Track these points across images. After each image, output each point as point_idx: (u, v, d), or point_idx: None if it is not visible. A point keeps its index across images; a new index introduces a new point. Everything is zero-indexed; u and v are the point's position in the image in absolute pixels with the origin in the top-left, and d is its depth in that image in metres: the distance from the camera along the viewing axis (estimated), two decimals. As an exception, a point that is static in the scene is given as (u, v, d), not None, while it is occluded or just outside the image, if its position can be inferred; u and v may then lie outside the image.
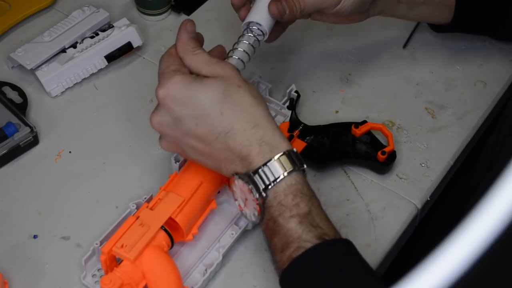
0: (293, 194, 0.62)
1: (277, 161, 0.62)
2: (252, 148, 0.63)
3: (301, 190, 0.62)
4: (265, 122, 0.64)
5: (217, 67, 0.65)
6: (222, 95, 0.63)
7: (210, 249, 0.72)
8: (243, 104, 0.64)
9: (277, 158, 0.62)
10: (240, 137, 0.63)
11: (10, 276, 0.71)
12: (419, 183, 0.80)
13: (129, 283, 0.64)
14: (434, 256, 0.30)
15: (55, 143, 0.83)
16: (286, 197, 0.62)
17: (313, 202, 0.63)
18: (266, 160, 0.62)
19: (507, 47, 0.95)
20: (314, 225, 0.61)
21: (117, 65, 0.92)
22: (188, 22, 0.69)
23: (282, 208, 0.61)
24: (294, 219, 0.61)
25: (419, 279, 0.30)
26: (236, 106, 0.63)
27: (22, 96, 0.86)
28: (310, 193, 0.63)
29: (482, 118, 0.88)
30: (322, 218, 0.62)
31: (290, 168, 0.62)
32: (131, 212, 0.72)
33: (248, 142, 0.63)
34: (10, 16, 0.96)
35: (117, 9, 0.99)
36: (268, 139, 0.63)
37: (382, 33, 0.97)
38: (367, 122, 0.82)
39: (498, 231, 0.29)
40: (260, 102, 0.65)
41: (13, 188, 0.79)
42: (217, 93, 0.63)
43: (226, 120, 0.63)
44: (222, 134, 0.63)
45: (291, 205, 0.61)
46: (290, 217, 0.61)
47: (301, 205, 0.61)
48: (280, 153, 0.63)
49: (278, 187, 0.62)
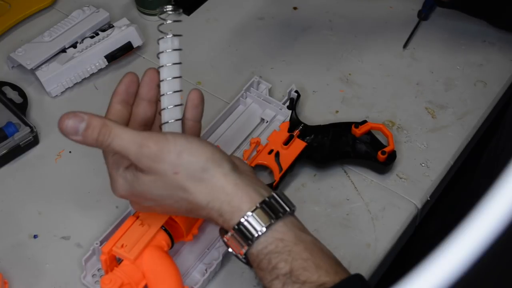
0: (267, 259, 0.57)
1: (246, 223, 0.57)
2: (217, 220, 0.59)
3: (275, 249, 0.57)
4: (219, 193, 0.58)
5: (142, 157, 0.58)
6: (165, 186, 0.59)
7: (210, 249, 0.72)
8: (181, 197, 0.59)
9: (237, 228, 0.58)
10: (202, 212, 0.59)
11: (10, 276, 0.71)
12: (419, 183, 0.80)
13: (129, 283, 0.64)
14: (434, 256, 0.30)
15: (55, 143, 0.83)
16: (261, 262, 0.57)
17: (295, 255, 0.57)
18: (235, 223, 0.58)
19: (507, 47, 0.95)
20: (300, 282, 0.56)
21: (117, 65, 0.92)
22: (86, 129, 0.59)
23: (262, 272, 0.58)
24: (276, 281, 0.56)
25: (419, 279, 0.30)
26: (178, 198, 0.59)
27: (22, 96, 0.86)
28: (291, 245, 0.57)
29: (482, 118, 0.88)
30: (309, 268, 0.56)
31: (265, 223, 0.57)
32: (131, 212, 0.72)
33: (209, 217, 0.60)
34: (10, 16, 0.96)
35: (117, 9, 0.99)
36: (225, 209, 0.58)
37: (382, 33, 0.97)
38: (367, 122, 0.82)
39: (498, 231, 0.29)
40: (198, 181, 0.58)
41: (13, 188, 0.79)
42: (158, 185, 0.59)
43: (183, 205, 0.60)
44: (190, 206, 0.60)
45: (270, 268, 0.57)
46: (272, 280, 0.57)
47: (279, 265, 0.56)
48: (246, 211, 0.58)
49: (251, 254, 0.58)
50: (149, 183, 0.59)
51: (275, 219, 0.58)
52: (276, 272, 0.56)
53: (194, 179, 0.58)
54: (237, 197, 0.58)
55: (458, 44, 0.95)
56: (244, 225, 0.57)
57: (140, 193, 0.60)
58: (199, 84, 0.90)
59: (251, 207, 0.58)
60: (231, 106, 0.84)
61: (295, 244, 0.57)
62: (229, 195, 0.58)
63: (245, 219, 0.57)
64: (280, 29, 0.97)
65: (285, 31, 0.97)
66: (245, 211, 0.58)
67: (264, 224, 0.57)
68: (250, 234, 0.57)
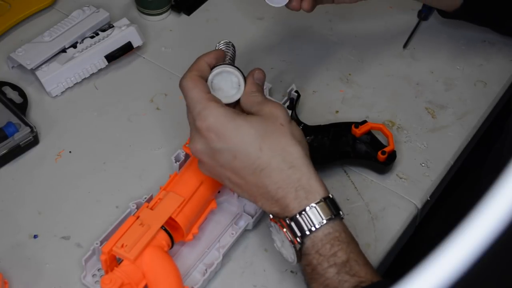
0: (330, 244, 0.61)
1: (313, 210, 0.62)
2: (288, 192, 0.62)
3: (339, 238, 0.62)
4: (302, 165, 0.63)
5: (265, 106, 0.66)
6: (263, 132, 0.63)
7: (210, 249, 0.72)
8: (282, 142, 0.64)
9: (313, 205, 0.62)
10: (276, 176, 0.63)
11: (10, 276, 0.71)
12: (419, 183, 0.80)
13: (129, 283, 0.64)
14: (434, 256, 0.30)
15: (55, 143, 0.83)
16: (324, 246, 0.61)
17: (352, 248, 0.62)
18: (302, 208, 0.62)
19: (507, 47, 0.95)
20: (351, 274, 0.60)
21: (117, 65, 0.92)
22: (257, 70, 0.71)
23: (320, 258, 0.61)
24: (331, 269, 0.61)
25: (419, 279, 0.30)
26: (275, 144, 0.63)
27: (22, 96, 0.86)
28: (349, 239, 0.63)
29: (482, 118, 0.88)
30: (360, 263, 0.61)
31: (327, 216, 0.62)
32: (131, 212, 0.72)
33: (284, 183, 0.62)
34: (10, 16, 0.96)
35: (117, 9, 0.99)
36: (304, 183, 0.63)
37: (382, 33, 0.97)
38: (367, 122, 0.82)
39: (498, 231, 0.29)
40: (299, 142, 0.65)
41: (13, 188, 0.79)
42: (258, 130, 0.63)
43: (263, 156, 0.63)
44: (257, 170, 0.63)
45: (329, 254, 0.61)
46: (328, 267, 0.61)
47: (339, 253, 0.61)
48: (317, 200, 0.62)
49: (315, 236, 0.62)
50: (252, 123, 0.64)
51: (335, 215, 0.62)
52: (333, 260, 0.61)
53: (294, 135, 0.64)
54: (315, 178, 0.63)
55: (458, 44, 0.95)
56: (326, 202, 0.62)
57: (228, 136, 0.63)
58: (199, 84, 0.89)
59: (326, 193, 0.63)
60: (231, 106, 0.84)
61: (352, 239, 0.63)
62: (310, 173, 0.63)
63: (324, 199, 0.62)
64: (280, 29, 0.98)
65: (285, 31, 0.97)
66: (321, 195, 0.63)
67: (330, 214, 0.62)
68: (321, 217, 0.61)
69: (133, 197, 0.75)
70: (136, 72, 0.92)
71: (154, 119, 0.86)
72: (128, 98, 0.89)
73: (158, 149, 0.83)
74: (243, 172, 0.64)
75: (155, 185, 0.77)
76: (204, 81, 0.67)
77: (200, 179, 0.71)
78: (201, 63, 0.68)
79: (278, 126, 0.64)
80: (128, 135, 0.84)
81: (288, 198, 0.62)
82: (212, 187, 0.73)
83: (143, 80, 0.91)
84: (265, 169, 0.63)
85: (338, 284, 0.60)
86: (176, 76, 0.90)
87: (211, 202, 0.73)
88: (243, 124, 0.64)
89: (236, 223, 0.74)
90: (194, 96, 0.65)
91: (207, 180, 0.72)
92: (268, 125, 0.64)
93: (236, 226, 0.74)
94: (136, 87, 0.90)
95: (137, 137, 0.84)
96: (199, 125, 0.64)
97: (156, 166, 0.81)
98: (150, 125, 0.86)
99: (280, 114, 0.65)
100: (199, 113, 0.64)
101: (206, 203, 0.72)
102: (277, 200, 0.63)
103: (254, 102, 0.67)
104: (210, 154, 0.65)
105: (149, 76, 0.91)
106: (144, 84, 0.90)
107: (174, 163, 0.77)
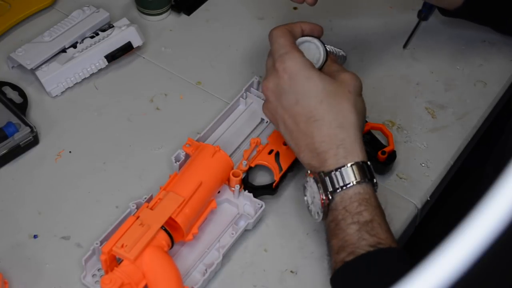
0: (358, 202, 0.65)
1: (349, 169, 0.65)
2: (330, 147, 0.66)
3: (368, 200, 0.65)
4: (350, 128, 0.67)
5: (342, 73, 0.71)
6: (329, 90, 0.68)
7: (210, 249, 0.72)
8: (342, 105, 0.68)
9: (350, 165, 0.65)
10: (325, 130, 0.67)
11: (10, 276, 0.71)
12: (419, 183, 0.80)
13: (129, 283, 0.64)
14: (434, 256, 0.30)
15: (55, 143, 0.83)
16: (351, 204, 0.65)
17: (377, 212, 0.65)
18: (339, 165, 0.65)
19: (507, 47, 0.95)
20: (371, 233, 0.63)
21: (117, 65, 0.92)
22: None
23: (346, 214, 0.64)
24: (354, 226, 0.64)
25: (419, 279, 0.30)
26: (335, 103, 0.68)
27: (22, 96, 0.86)
28: (376, 204, 0.66)
29: (482, 118, 0.88)
30: (382, 228, 0.64)
31: (361, 178, 0.65)
32: (131, 212, 0.72)
33: (329, 138, 0.66)
34: (10, 16, 0.96)
35: (117, 9, 0.99)
36: (347, 144, 0.66)
37: (382, 33, 0.97)
38: (367, 122, 0.81)
39: (498, 231, 0.29)
40: (357, 112, 0.69)
41: (13, 188, 0.79)
42: (326, 87, 0.68)
43: (320, 109, 0.67)
44: (311, 119, 0.67)
45: (355, 212, 0.64)
46: (351, 223, 0.64)
47: (364, 213, 0.64)
48: (354, 161, 0.66)
49: (346, 193, 0.65)
50: (324, 80, 0.68)
51: (369, 180, 0.66)
52: (357, 218, 0.64)
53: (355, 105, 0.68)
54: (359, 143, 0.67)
55: (458, 44, 0.95)
56: (363, 166, 0.66)
57: (298, 80, 0.68)
58: (199, 84, 0.90)
59: (365, 159, 0.67)
60: (231, 106, 0.84)
61: (379, 206, 0.66)
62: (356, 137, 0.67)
63: (361, 163, 0.66)
64: (280, 29, 0.97)
65: (285, 31, 0.97)
66: (360, 158, 0.66)
67: (364, 177, 0.65)
68: (354, 177, 0.65)
69: (133, 197, 0.75)
70: (136, 72, 0.92)
71: (154, 119, 0.86)
72: (128, 98, 0.89)
73: (158, 149, 0.83)
74: (299, 118, 0.68)
75: (155, 185, 0.77)
76: (292, 36, 0.72)
77: (200, 179, 0.71)
78: (297, 25, 0.74)
79: (346, 91, 0.69)
80: (128, 135, 0.84)
81: (328, 153, 0.66)
82: (212, 187, 0.73)
83: (143, 80, 0.91)
84: (318, 120, 0.67)
85: (356, 240, 0.63)
86: (176, 76, 0.90)
87: (211, 202, 0.73)
88: (315, 77, 0.68)
89: (236, 223, 0.74)
90: (281, 42, 0.71)
91: (207, 180, 0.72)
92: (336, 87, 0.69)
93: (236, 226, 0.74)
94: (136, 87, 0.90)
95: (137, 137, 0.84)
96: (277, 66, 0.69)
97: (156, 166, 0.81)
98: (150, 125, 0.86)
99: (351, 83, 0.70)
100: (281, 55, 0.70)
101: (206, 203, 0.72)
102: (318, 154, 0.67)
103: (332, 71, 0.72)
104: (277, 93, 0.70)
105: (149, 76, 0.91)
106: (144, 84, 0.90)
107: (174, 163, 0.77)
